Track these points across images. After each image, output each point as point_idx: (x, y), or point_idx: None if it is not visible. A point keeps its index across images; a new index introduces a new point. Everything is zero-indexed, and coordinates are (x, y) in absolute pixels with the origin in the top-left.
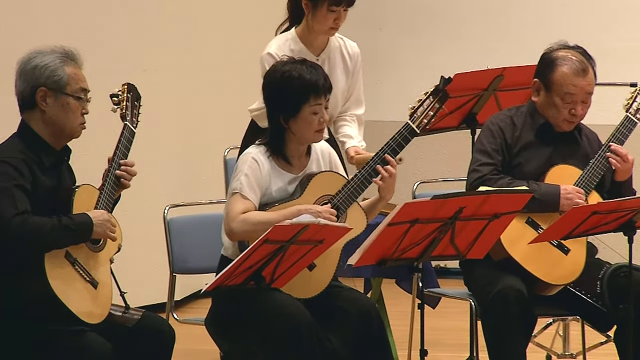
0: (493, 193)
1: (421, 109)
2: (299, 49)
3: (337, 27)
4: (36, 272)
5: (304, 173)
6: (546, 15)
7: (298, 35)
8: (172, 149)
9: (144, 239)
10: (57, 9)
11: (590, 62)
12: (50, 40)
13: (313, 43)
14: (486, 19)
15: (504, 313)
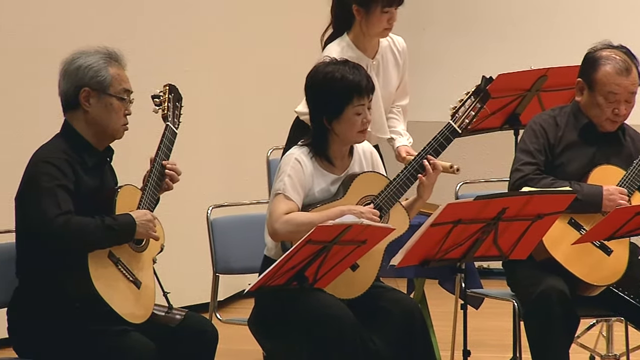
0: (536, 194)
1: (463, 109)
2: (356, 56)
3: (391, 27)
4: (80, 272)
5: (346, 173)
6: (591, 15)
7: (352, 42)
8: (215, 149)
9: (187, 239)
10: (99, 10)
11: (634, 62)
12: (92, 41)
13: (367, 47)
14: (530, 19)
15: (546, 314)
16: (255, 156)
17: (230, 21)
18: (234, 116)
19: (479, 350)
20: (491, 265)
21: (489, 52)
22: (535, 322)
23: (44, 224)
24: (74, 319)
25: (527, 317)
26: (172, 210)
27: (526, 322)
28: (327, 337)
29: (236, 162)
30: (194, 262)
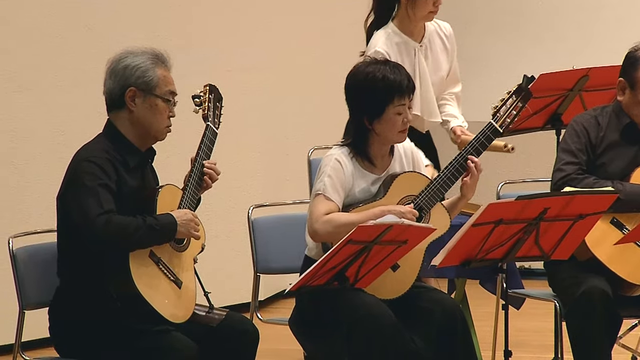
0: (578, 194)
1: (504, 108)
2: (402, 40)
3: (437, 10)
4: (121, 271)
5: (386, 173)
6: (633, 15)
7: (397, 27)
8: (256, 149)
9: (229, 238)
10: (144, 10)
11: None
12: (137, 41)
13: (413, 32)
14: (573, 19)
15: (588, 314)
16: (297, 156)
17: (272, 22)
18: (276, 116)
19: (520, 350)
20: (532, 266)
21: (531, 52)
22: (577, 322)
23: (86, 222)
24: (115, 319)
25: (568, 318)
26: (213, 210)
27: (568, 323)
28: (368, 337)
29: (277, 162)
30: (235, 261)
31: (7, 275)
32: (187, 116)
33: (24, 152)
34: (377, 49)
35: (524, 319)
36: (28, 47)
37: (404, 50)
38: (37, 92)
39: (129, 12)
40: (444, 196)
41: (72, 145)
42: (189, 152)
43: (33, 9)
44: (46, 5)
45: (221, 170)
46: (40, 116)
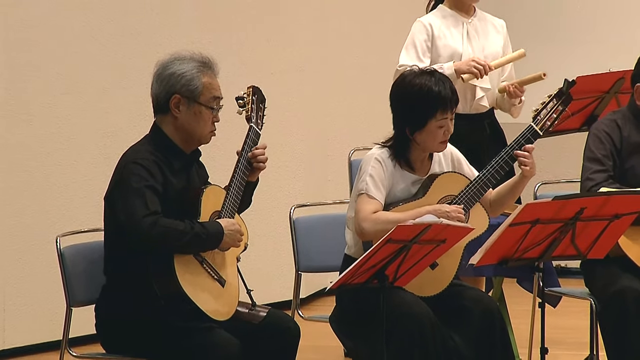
0: (614, 194)
1: (544, 111)
2: (451, 14)
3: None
4: (166, 270)
5: (427, 175)
6: None
7: (447, 6)
8: (299, 150)
9: (271, 238)
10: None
11: None
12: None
13: (462, 9)
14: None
15: (621, 313)
16: (338, 157)
17: (315, 25)
18: (317, 117)
19: (557, 348)
20: (569, 265)
21: (570, 55)
22: (611, 320)
23: (132, 223)
24: (159, 317)
25: (602, 316)
26: (255, 209)
27: (602, 321)
28: (408, 334)
29: (319, 163)
30: (277, 260)
31: (55, 273)
32: (233, 117)
33: (71, 153)
34: (420, 19)
35: (560, 316)
36: (76, 50)
37: (452, 22)
38: (84, 94)
39: (174, 19)
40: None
41: (118, 147)
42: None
43: (82, 15)
44: (94, 11)
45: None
46: (86, 118)
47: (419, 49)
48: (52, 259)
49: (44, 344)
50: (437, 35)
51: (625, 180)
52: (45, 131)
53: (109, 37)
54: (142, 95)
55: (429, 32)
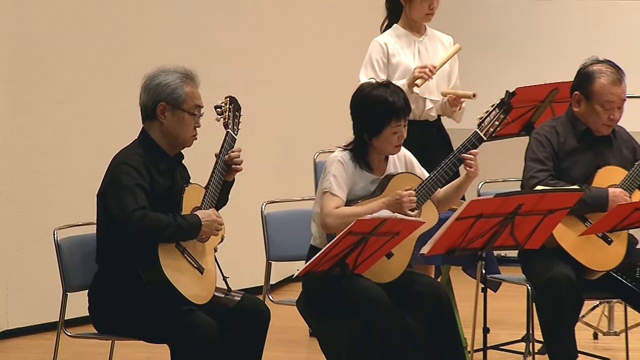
0: (548, 192)
1: (488, 119)
2: (404, 33)
3: (433, 12)
4: (152, 259)
5: (383, 175)
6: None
7: (401, 26)
8: (270, 152)
9: (244, 230)
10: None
11: (621, 72)
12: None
13: (414, 28)
14: (544, 40)
15: (555, 297)
16: (304, 159)
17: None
18: (287, 124)
19: (497, 328)
20: (508, 254)
21: (509, 68)
22: (546, 303)
23: (124, 216)
24: (146, 301)
25: (538, 300)
26: (231, 205)
27: (538, 304)
28: (366, 316)
29: (287, 164)
30: (250, 250)
31: (52, 262)
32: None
33: (68, 155)
34: (376, 39)
35: (500, 300)
36: (73, 64)
37: (405, 41)
38: (80, 102)
39: (159, 36)
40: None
41: (110, 150)
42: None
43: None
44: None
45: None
46: (82, 124)
47: (376, 66)
48: (50, 249)
49: (43, 325)
50: (391, 53)
51: (560, 181)
52: (45, 135)
53: (102, 52)
54: (131, 104)
55: (385, 50)
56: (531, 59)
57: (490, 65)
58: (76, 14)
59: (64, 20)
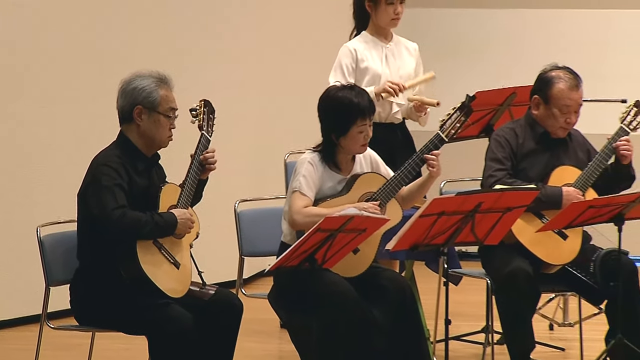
0: (506, 190)
1: (449, 121)
2: (372, 39)
3: (398, 17)
4: (130, 255)
5: (349, 174)
6: (551, 43)
7: (369, 32)
8: (243, 153)
9: (218, 227)
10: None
11: (578, 78)
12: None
13: (381, 34)
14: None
15: (513, 290)
16: (275, 159)
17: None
18: (259, 126)
19: (458, 319)
20: (469, 250)
21: (470, 73)
22: (504, 296)
23: (103, 215)
24: (125, 294)
25: (497, 293)
26: (206, 203)
27: (497, 297)
28: (333, 308)
29: (259, 164)
30: (224, 246)
31: (35, 258)
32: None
33: (51, 157)
34: (346, 44)
35: (461, 293)
36: (53, 69)
37: (372, 47)
38: (61, 106)
39: (135, 41)
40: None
41: (90, 152)
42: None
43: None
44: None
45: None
46: (64, 127)
47: (345, 71)
48: (33, 246)
49: (27, 317)
50: (360, 58)
51: (520, 180)
52: (29, 138)
53: (82, 59)
54: (110, 108)
55: (354, 56)
56: (490, 65)
57: (452, 71)
58: (58, 24)
59: (47, 29)
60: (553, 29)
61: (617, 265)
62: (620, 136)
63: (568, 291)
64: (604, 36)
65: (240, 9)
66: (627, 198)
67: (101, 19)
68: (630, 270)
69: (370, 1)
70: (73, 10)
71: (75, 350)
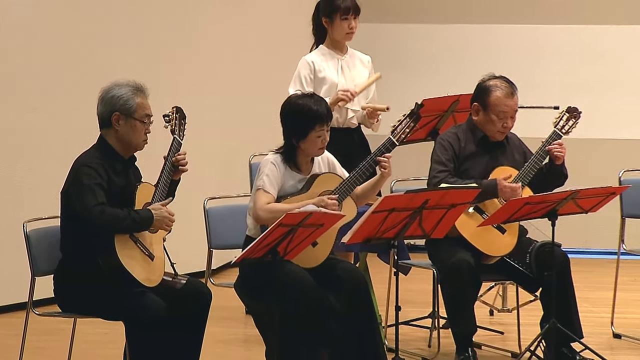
0: (450, 189)
1: (400, 127)
2: (328, 52)
3: (352, 31)
4: (109, 248)
5: (310, 175)
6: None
7: (326, 46)
8: (211, 155)
9: (189, 223)
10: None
11: (514, 87)
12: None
13: (337, 48)
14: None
15: (457, 279)
16: (241, 160)
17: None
18: (226, 130)
19: (408, 306)
20: (417, 243)
21: (418, 83)
22: (449, 285)
23: (85, 211)
24: (104, 283)
25: (442, 282)
26: (177, 201)
27: (442, 285)
28: (294, 296)
29: (226, 165)
30: (194, 240)
31: (22, 250)
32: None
33: (37, 158)
34: (304, 57)
35: (410, 282)
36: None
37: (329, 59)
38: (47, 111)
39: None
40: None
41: (72, 153)
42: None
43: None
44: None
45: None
46: (48, 131)
47: (303, 81)
48: (20, 240)
49: (14, 305)
50: (317, 69)
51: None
52: (16, 142)
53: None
54: (91, 113)
55: (312, 67)
56: (436, 75)
57: (402, 81)
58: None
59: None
60: (492, 42)
61: (551, 256)
62: (554, 139)
63: (506, 280)
64: (538, 49)
65: (211, 24)
66: (560, 196)
67: (83, 34)
68: (562, 261)
69: (326, 17)
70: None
71: (58, 334)
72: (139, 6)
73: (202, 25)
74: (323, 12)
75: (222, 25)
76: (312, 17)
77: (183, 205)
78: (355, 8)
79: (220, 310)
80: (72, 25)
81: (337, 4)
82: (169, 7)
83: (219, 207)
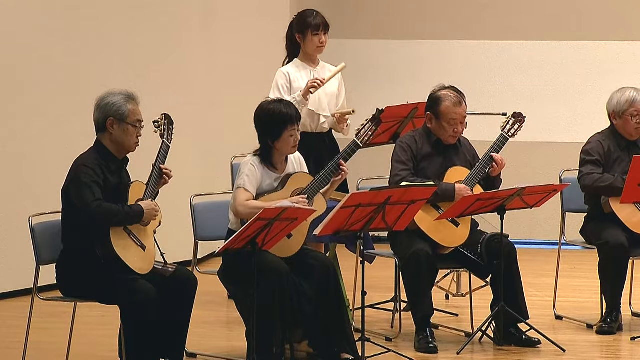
0: (410, 187)
1: (363, 130)
2: (302, 64)
3: (323, 45)
4: (105, 239)
5: (284, 173)
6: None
7: (299, 59)
8: (197, 156)
9: (177, 217)
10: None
11: (462, 96)
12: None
13: (309, 61)
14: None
15: (416, 267)
16: (223, 161)
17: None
18: (210, 134)
19: (373, 291)
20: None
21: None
22: (409, 272)
23: (83, 206)
24: (101, 271)
25: (403, 269)
26: (167, 197)
27: (403, 273)
28: (271, 282)
29: (210, 166)
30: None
31: (28, 242)
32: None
33: (42, 158)
34: (280, 69)
35: (375, 270)
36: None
37: (302, 70)
38: (51, 116)
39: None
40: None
41: (72, 154)
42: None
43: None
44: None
45: (172, 169)
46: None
47: (281, 90)
48: (26, 232)
49: (20, 291)
50: (292, 79)
51: (418, 177)
52: (22, 145)
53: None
54: (88, 119)
55: (287, 77)
56: (396, 85)
57: (366, 90)
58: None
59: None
60: (446, 56)
61: (500, 246)
62: (502, 142)
63: (460, 268)
64: (487, 62)
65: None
66: (508, 193)
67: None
68: (510, 250)
69: (299, 33)
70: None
71: (60, 317)
72: (133, 24)
73: (185, 41)
74: (296, 29)
75: (203, 42)
76: (286, 34)
77: (172, 202)
78: (325, 25)
79: (205, 295)
80: (70, 39)
81: (309, 21)
82: (156, 25)
83: (204, 203)
